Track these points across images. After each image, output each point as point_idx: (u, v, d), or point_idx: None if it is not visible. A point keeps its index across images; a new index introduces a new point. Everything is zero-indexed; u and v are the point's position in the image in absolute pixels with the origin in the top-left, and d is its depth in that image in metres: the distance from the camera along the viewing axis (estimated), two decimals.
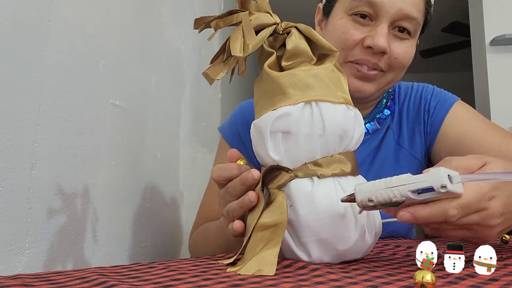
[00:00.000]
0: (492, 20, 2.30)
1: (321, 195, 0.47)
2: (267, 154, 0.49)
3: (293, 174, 0.48)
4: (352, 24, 0.70)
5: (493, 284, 0.36)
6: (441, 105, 0.79)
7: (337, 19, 0.72)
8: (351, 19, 0.70)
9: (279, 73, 0.50)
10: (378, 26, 0.68)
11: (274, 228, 0.46)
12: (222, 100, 1.95)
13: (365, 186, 0.44)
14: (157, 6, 1.13)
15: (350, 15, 0.70)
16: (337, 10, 0.72)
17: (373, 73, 0.71)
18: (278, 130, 0.48)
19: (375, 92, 0.74)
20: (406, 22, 0.69)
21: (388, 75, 0.72)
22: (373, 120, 0.81)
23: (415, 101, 0.82)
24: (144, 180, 1.02)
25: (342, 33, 0.70)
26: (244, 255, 0.47)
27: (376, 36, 0.67)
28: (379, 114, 0.81)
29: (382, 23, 0.68)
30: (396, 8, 0.67)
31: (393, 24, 0.69)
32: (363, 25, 0.69)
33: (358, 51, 0.70)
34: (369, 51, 0.69)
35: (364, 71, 0.70)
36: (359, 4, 0.68)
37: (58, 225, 0.68)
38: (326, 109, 0.48)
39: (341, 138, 0.49)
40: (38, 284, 0.38)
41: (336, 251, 0.48)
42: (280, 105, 0.48)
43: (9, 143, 0.58)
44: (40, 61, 0.65)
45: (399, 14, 0.68)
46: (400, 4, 0.67)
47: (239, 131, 0.84)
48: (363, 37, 0.69)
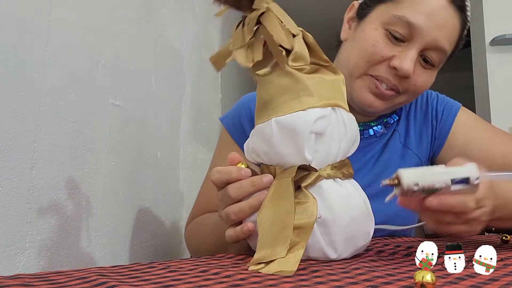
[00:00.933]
0: (492, 20, 2.30)
1: (353, 195, 0.51)
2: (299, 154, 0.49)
3: (319, 175, 0.50)
4: (385, 39, 0.68)
5: (493, 284, 0.36)
6: (448, 112, 0.79)
7: (370, 28, 0.70)
8: (384, 33, 0.69)
9: (306, 75, 0.50)
10: (409, 50, 0.67)
11: (299, 231, 0.46)
12: (222, 100, 1.95)
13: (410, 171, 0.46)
14: (157, 6, 1.13)
15: (385, 29, 0.69)
16: (373, 18, 0.71)
17: (390, 93, 0.70)
18: (316, 131, 0.49)
19: (384, 110, 0.75)
20: (436, 53, 0.69)
21: (402, 97, 0.73)
22: (380, 124, 0.81)
23: (422, 106, 0.82)
24: (144, 180, 1.02)
25: (372, 46, 0.69)
26: (261, 249, 0.46)
27: (405, 59, 0.67)
28: (387, 119, 0.81)
29: (414, 47, 0.67)
30: (432, 37, 0.67)
31: (423, 51, 0.69)
32: (395, 44, 0.68)
33: (382, 67, 0.69)
34: (393, 71, 0.69)
35: (382, 89, 0.70)
36: (398, 22, 0.67)
37: (58, 225, 0.68)
38: (346, 116, 0.51)
39: (353, 144, 0.53)
40: (38, 284, 0.38)
41: (356, 247, 0.51)
42: (309, 106, 0.49)
43: (9, 143, 0.58)
44: (40, 61, 0.65)
45: (433, 44, 0.68)
46: (436, 34, 0.67)
47: (242, 123, 0.83)
48: (391, 56, 0.68)
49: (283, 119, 0.49)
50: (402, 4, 0.67)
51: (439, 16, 0.66)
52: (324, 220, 0.48)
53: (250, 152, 0.54)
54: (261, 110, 0.52)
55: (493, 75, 2.28)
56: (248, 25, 0.50)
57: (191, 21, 1.44)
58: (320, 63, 0.52)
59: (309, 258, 0.50)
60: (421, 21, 0.65)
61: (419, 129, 0.82)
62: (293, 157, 0.49)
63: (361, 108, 0.74)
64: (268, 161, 0.52)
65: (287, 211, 0.46)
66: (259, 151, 0.52)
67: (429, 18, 0.66)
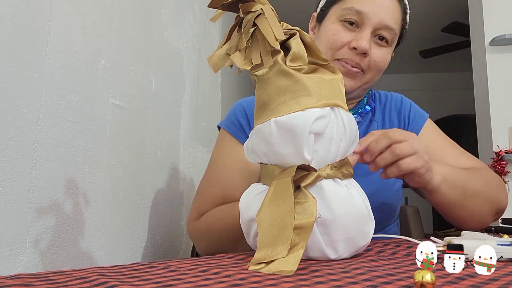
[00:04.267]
0: (492, 20, 2.31)
1: (354, 196, 0.51)
2: (299, 154, 0.49)
3: (319, 175, 0.50)
4: (342, 28, 0.83)
5: (493, 284, 0.36)
6: (419, 118, 0.93)
7: (329, 24, 0.85)
8: (341, 24, 0.83)
9: (304, 75, 0.50)
10: (363, 32, 0.82)
11: (299, 231, 0.46)
12: (222, 100, 1.95)
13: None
14: (157, 6, 1.13)
15: (340, 21, 0.83)
16: (330, 16, 0.86)
17: (355, 70, 0.83)
18: (315, 131, 0.49)
19: (356, 89, 0.85)
20: (385, 31, 0.83)
21: (367, 75, 0.85)
22: (356, 114, 0.92)
23: (396, 105, 0.95)
24: (144, 180, 1.02)
25: (332, 35, 0.83)
26: (261, 249, 0.46)
27: (361, 39, 0.81)
28: (361, 109, 0.93)
29: (366, 29, 0.82)
30: (378, 18, 0.81)
31: (374, 32, 0.82)
32: (350, 30, 0.83)
33: (344, 51, 0.83)
34: (353, 51, 0.82)
35: (348, 67, 0.83)
36: (349, 12, 0.82)
37: (58, 225, 0.68)
38: (345, 115, 0.52)
39: (352, 143, 0.53)
40: (38, 284, 0.38)
41: (356, 247, 0.51)
42: (308, 106, 0.49)
43: (9, 143, 0.58)
44: (40, 61, 0.65)
45: (380, 23, 0.82)
46: (382, 16, 0.82)
47: (238, 119, 0.88)
48: (349, 40, 0.82)
49: (282, 119, 0.49)
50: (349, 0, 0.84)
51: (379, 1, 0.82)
52: (324, 220, 0.48)
53: (249, 152, 0.54)
54: (260, 111, 0.52)
55: (492, 75, 2.28)
56: (245, 27, 0.50)
57: (191, 21, 1.44)
58: (319, 62, 0.52)
59: (309, 258, 0.50)
60: (366, 7, 0.81)
61: (394, 122, 0.94)
62: (293, 157, 0.50)
63: None
64: (268, 161, 0.52)
65: (287, 211, 0.47)
66: (259, 151, 0.52)
67: (372, 3, 0.82)
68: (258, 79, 0.52)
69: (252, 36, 0.50)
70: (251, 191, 0.55)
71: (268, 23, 0.49)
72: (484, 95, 2.32)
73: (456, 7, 3.24)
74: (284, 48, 0.51)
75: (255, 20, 0.49)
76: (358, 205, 0.51)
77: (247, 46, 0.50)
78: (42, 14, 0.65)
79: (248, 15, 0.50)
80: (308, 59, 0.51)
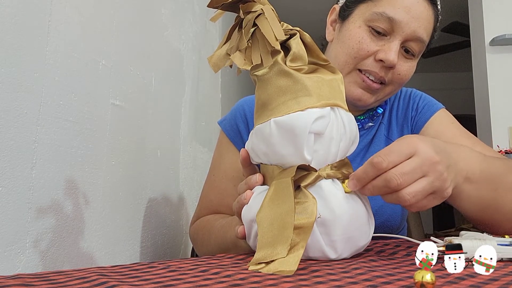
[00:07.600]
0: (492, 20, 2.31)
1: (353, 195, 0.51)
2: (299, 154, 0.49)
3: (319, 175, 0.50)
4: (369, 35, 0.74)
5: (493, 284, 0.36)
6: (428, 107, 0.85)
7: (354, 27, 0.76)
8: (368, 30, 0.74)
9: (304, 75, 0.50)
10: (392, 42, 0.73)
11: (299, 231, 0.46)
12: (222, 100, 1.95)
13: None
14: (157, 6, 1.13)
15: (368, 26, 0.74)
16: (356, 17, 0.76)
17: (377, 86, 0.76)
18: (315, 131, 0.49)
19: (372, 103, 0.79)
20: (415, 43, 0.75)
21: (387, 88, 0.78)
22: (367, 117, 0.86)
23: (404, 101, 0.88)
24: (144, 180, 1.02)
25: (358, 42, 0.74)
26: (261, 249, 0.46)
27: (389, 51, 0.72)
28: (373, 112, 0.87)
29: (395, 40, 0.73)
30: (411, 29, 0.73)
31: (404, 43, 0.74)
32: (378, 39, 0.74)
33: (369, 62, 0.74)
34: (379, 64, 0.74)
35: (369, 82, 0.75)
36: (379, 18, 0.73)
37: (58, 225, 0.68)
38: (345, 116, 0.51)
39: (353, 143, 0.53)
40: (38, 284, 0.38)
41: (356, 247, 0.51)
42: (308, 106, 0.49)
43: (9, 143, 0.58)
44: (40, 61, 0.65)
45: (412, 35, 0.73)
46: (415, 26, 0.73)
47: (238, 125, 0.87)
48: (376, 50, 0.74)
49: (282, 119, 0.49)
50: (381, 2, 0.74)
51: (414, 9, 0.73)
52: (324, 220, 0.48)
53: (249, 152, 0.54)
54: (260, 111, 0.52)
55: (492, 75, 2.28)
56: (245, 27, 0.50)
57: (191, 21, 1.44)
58: (319, 62, 0.52)
59: (309, 258, 0.50)
60: (400, 15, 0.72)
61: (401, 121, 0.87)
62: (293, 157, 0.49)
63: (351, 102, 0.77)
64: (268, 161, 0.52)
65: (287, 211, 0.47)
66: (259, 151, 0.52)
67: (406, 12, 0.72)
68: (258, 79, 0.52)
69: (252, 36, 0.50)
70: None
71: (268, 23, 0.49)
72: (484, 95, 2.32)
73: (456, 7, 3.24)
74: (284, 48, 0.51)
75: (255, 20, 0.49)
76: (358, 204, 0.51)
77: (247, 46, 0.50)
78: (42, 14, 0.65)
79: (248, 15, 0.50)
80: (308, 59, 0.51)
